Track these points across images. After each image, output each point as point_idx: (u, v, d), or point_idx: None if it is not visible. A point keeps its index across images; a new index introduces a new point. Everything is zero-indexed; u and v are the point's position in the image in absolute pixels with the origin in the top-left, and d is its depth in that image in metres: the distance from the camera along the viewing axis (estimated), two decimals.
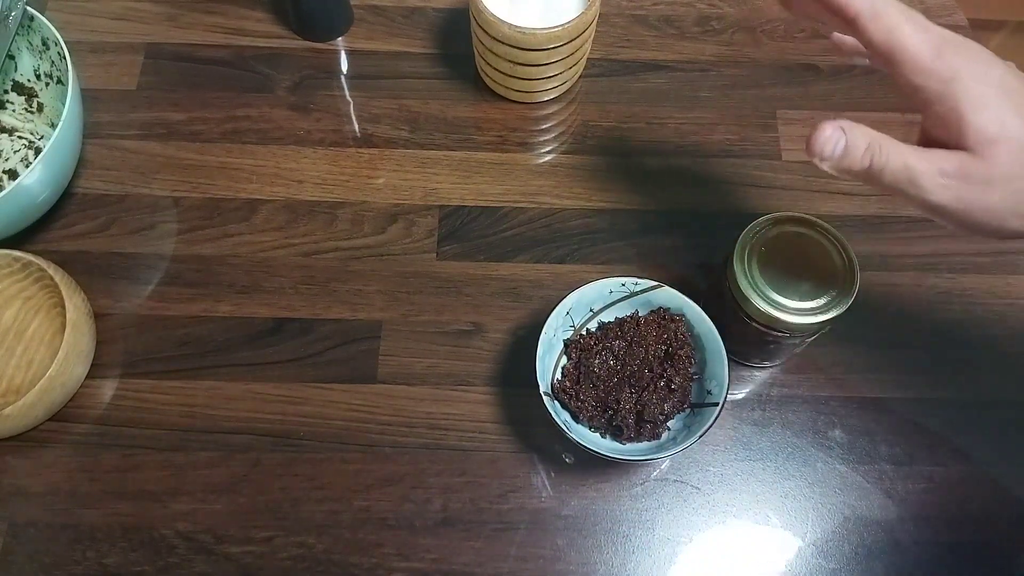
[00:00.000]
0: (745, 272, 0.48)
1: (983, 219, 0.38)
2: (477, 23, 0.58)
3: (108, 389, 0.54)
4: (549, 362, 0.51)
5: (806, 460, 0.53)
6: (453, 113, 0.65)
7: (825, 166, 0.39)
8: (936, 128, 0.38)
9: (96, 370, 0.54)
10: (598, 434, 0.50)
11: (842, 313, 0.46)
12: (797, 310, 0.47)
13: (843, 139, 0.38)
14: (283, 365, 0.55)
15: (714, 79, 0.67)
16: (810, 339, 0.50)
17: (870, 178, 0.38)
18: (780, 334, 0.48)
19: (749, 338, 0.50)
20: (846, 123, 0.38)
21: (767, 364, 0.55)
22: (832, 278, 0.47)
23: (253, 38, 0.68)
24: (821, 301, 0.47)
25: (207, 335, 0.56)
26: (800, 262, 0.48)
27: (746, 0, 0.71)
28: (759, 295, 0.47)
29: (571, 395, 0.50)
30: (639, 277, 0.51)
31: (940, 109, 0.37)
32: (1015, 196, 0.37)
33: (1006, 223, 0.38)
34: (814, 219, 0.49)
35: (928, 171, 0.37)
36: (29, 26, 0.58)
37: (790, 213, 0.50)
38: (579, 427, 0.50)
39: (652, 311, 0.51)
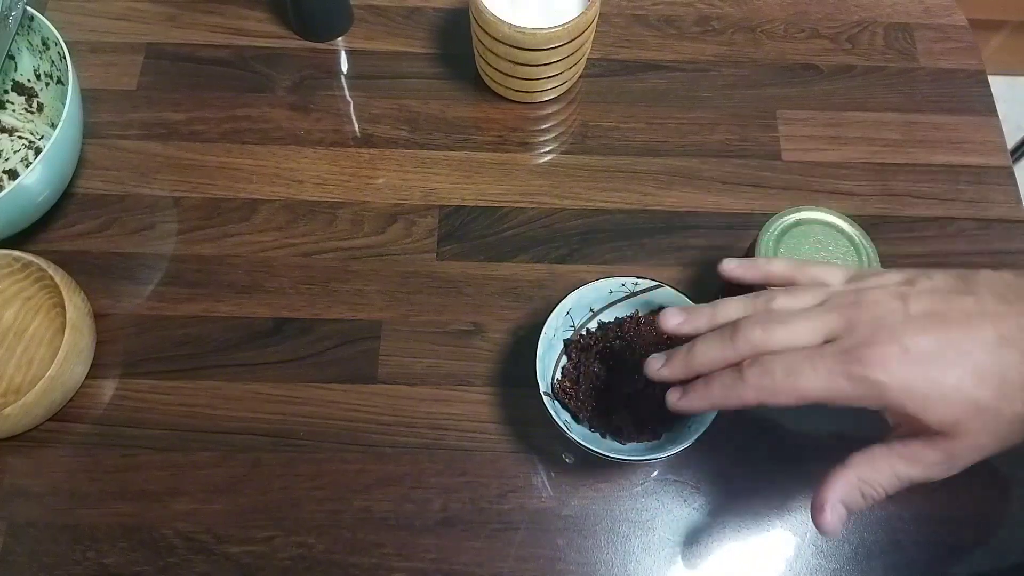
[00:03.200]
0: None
1: (1000, 452, 0.38)
2: (477, 23, 0.58)
3: (108, 389, 0.54)
4: (549, 362, 0.51)
5: (806, 460, 0.53)
6: (453, 113, 0.65)
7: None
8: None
9: (96, 370, 0.54)
10: (598, 434, 0.50)
11: None
12: None
13: (842, 510, 0.38)
14: (283, 365, 0.55)
15: (714, 79, 0.67)
16: None
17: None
18: None
19: None
20: (830, 495, 0.38)
21: None
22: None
23: (253, 38, 0.68)
24: None
25: (207, 335, 0.56)
26: (822, 256, 0.48)
27: (746, 0, 0.71)
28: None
29: (571, 395, 0.50)
30: (639, 277, 0.51)
31: (894, 414, 0.37)
32: (1002, 440, 0.37)
33: (1010, 446, 0.38)
34: (837, 213, 0.50)
35: (921, 474, 0.37)
36: (29, 26, 0.58)
37: (812, 207, 0.50)
38: (579, 427, 0.50)
39: (652, 311, 0.51)
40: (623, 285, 0.51)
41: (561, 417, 0.48)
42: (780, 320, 0.38)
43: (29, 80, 0.62)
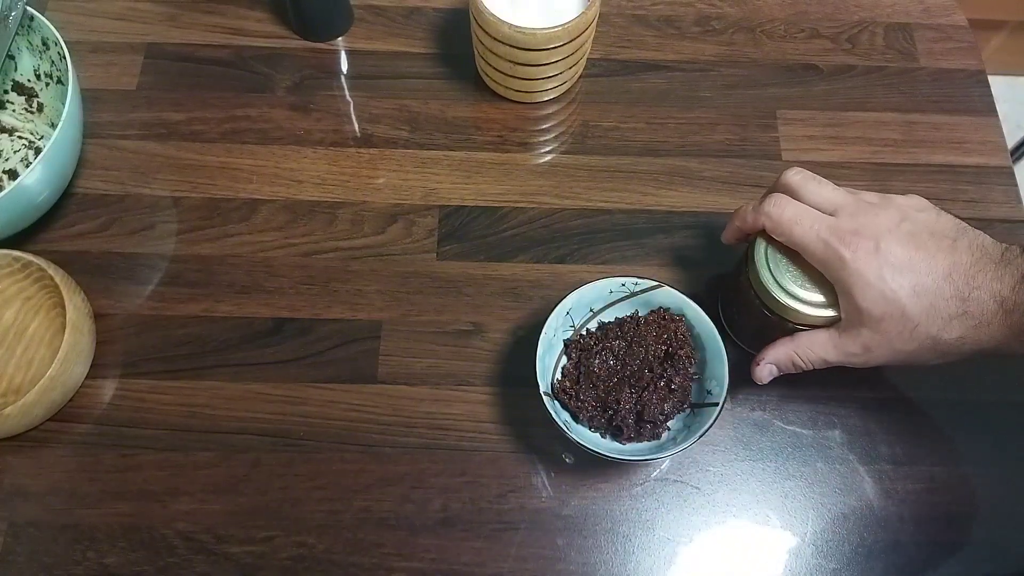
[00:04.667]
0: (766, 263, 0.48)
1: (895, 363, 0.46)
2: (477, 23, 0.58)
3: (108, 389, 0.54)
4: (549, 362, 0.51)
5: (806, 460, 0.53)
6: (453, 113, 0.65)
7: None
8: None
9: (96, 370, 0.54)
10: (598, 434, 0.50)
11: None
12: (816, 303, 0.47)
13: (774, 369, 0.49)
14: (283, 365, 0.55)
15: (714, 79, 0.67)
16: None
17: (797, 369, 0.49)
18: (799, 327, 0.48)
19: (765, 332, 0.51)
20: (769, 354, 0.49)
21: None
22: None
23: (253, 38, 0.68)
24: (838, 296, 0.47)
25: (207, 335, 0.56)
26: None
27: (746, 0, 0.71)
28: (779, 287, 0.47)
29: (571, 395, 0.50)
30: (639, 277, 0.51)
31: (840, 289, 0.45)
32: (910, 352, 0.45)
33: (926, 363, 0.46)
34: None
35: (836, 354, 0.47)
36: (29, 26, 0.58)
37: None
38: (579, 427, 0.50)
39: (652, 311, 0.51)
40: (623, 285, 0.51)
41: (561, 417, 0.48)
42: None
43: (29, 80, 0.62)
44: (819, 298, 0.47)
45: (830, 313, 0.47)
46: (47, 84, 0.61)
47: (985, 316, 0.42)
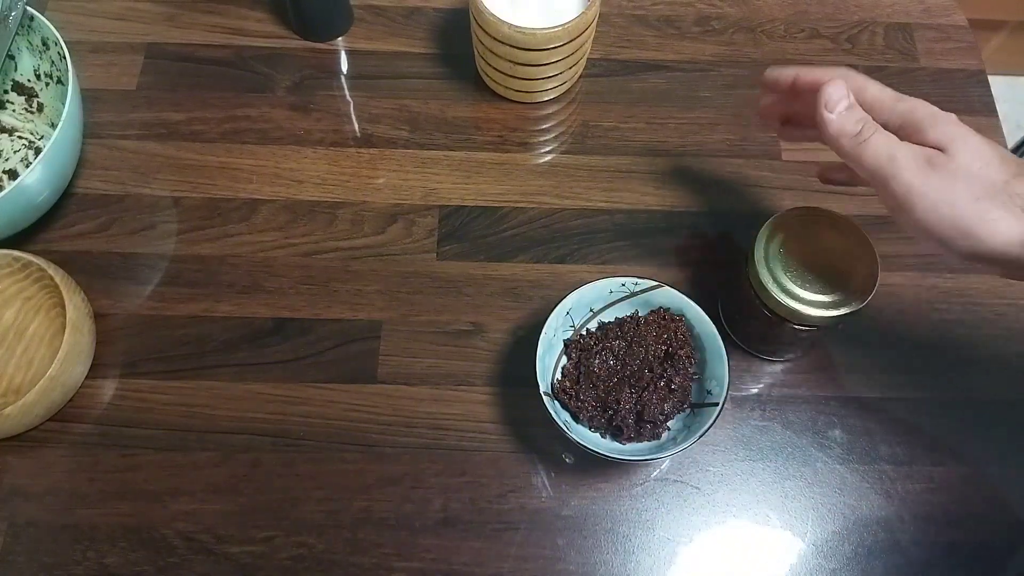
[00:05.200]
0: (767, 264, 0.48)
1: (949, 215, 0.40)
2: (477, 23, 0.58)
3: (108, 389, 0.54)
4: (549, 362, 0.51)
5: (806, 460, 0.53)
6: (453, 113, 0.65)
7: (827, 119, 0.43)
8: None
9: (96, 370, 0.54)
10: (598, 434, 0.50)
11: (862, 307, 0.47)
12: (817, 303, 0.47)
13: (847, 100, 0.43)
14: (283, 365, 0.55)
15: (714, 79, 0.67)
16: (827, 332, 0.50)
17: (854, 150, 0.42)
18: (798, 327, 0.48)
19: (766, 332, 0.51)
20: (852, 94, 0.43)
21: (781, 358, 0.55)
22: (852, 272, 0.48)
23: (253, 38, 0.68)
24: (840, 295, 0.47)
25: (207, 335, 0.56)
26: (821, 255, 0.48)
27: (746, 0, 0.71)
28: (779, 287, 0.47)
29: (571, 395, 0.50)
30: (639, 277, 0.51)
31: (904, 132, 0.42)
32: (975, 196, 0.40)
33: (972, 228, 0.40)
34: (836, 213, 0.50)
35: (904, 154, 0.41)
36: (29, 26, 0.58)
37: (812, 207, 0.50)
38: (579, 427, 0.50)
39: (652, 311, 0.51)
40: (623, 285, 0.51)
41: (561, 417, 0.48)
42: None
43: (29, 80, 0.62)
44: (819, 298, 0.47)
45: (831, 313, 0.47)
46: (47, 84, 0.61)
47: None
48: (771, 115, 0.51)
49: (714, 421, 0.46)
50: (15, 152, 0.61)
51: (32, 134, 0.62)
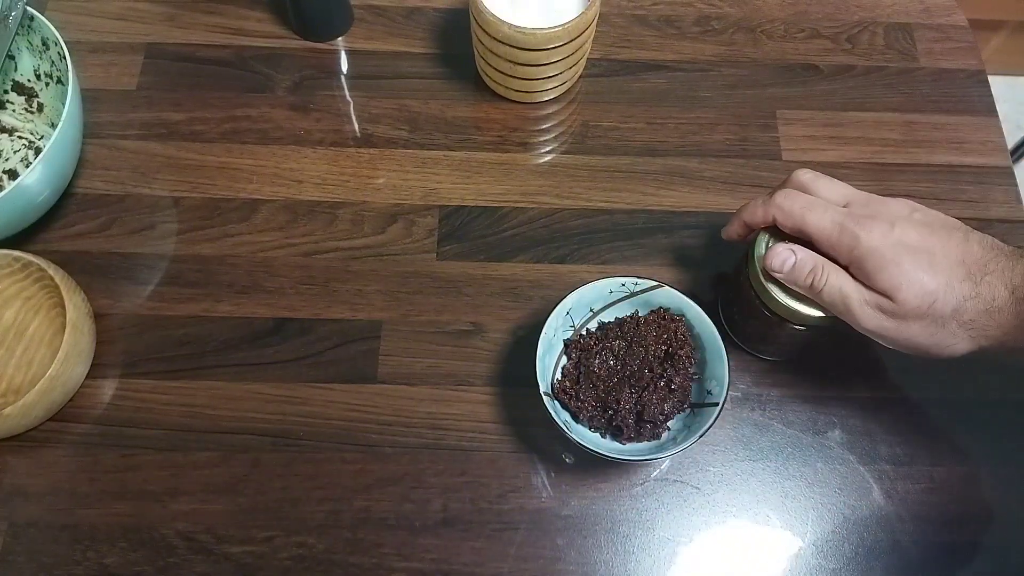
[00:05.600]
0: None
1: (911, 347, 0.45)
2: (477, 23, 0.58)
3: (108, 389, 0.54)
4: (549, 362, 0.51)
5: (806, 460, 0.53)
6: (453, 113, 0.65)
7: (778, 277, 0.47)
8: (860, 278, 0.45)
9: (96, 370, 0.54)
10: (598, 434, 0.50)
11: None
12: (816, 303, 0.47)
13: (792, 258, 0.46)
14: (283, 365, 0.55)
15: (714, 79, 0.67)
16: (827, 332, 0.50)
17: (810, 294, 0.46)
18: (798, 327, 0.48)
19: (766, 332, 0.51)
20: (797, 246, 0.46)
21: (781, 358, 0.55)
22: None
23: (253, 38, 0.68)
24: None
25: (207, 335, 0.56)
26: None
27: (746, 0, 0.71)
28: (779, 287, 0.47)
29: (571, 395, 0.50)
30: (639, 277, 0.51)
31: (856, 270, 0.44)
32: (930, 333, 0.44)
33: (939, 353, 0.45)
34: None
35: (857, 299, 0.44)
36: (29, 26, 0.58)
37: None
38: (579, 427, 0.50)
39: (652, 311, 0.51)
40: (623, 285, 0.51)
41: (561, 417, 0.48)
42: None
43: (29, 80, 0.62)
44: None
45: (830, 313, 0.47)
46: (47, 84, 0.61)
47: (996, 302, 0.42)
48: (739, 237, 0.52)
49: (714, 421, 0.46)
50: (15, 152, 0.61)
51: (32, 134, 0.62)
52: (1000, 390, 0.55)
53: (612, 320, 0.52)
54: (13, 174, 0.60)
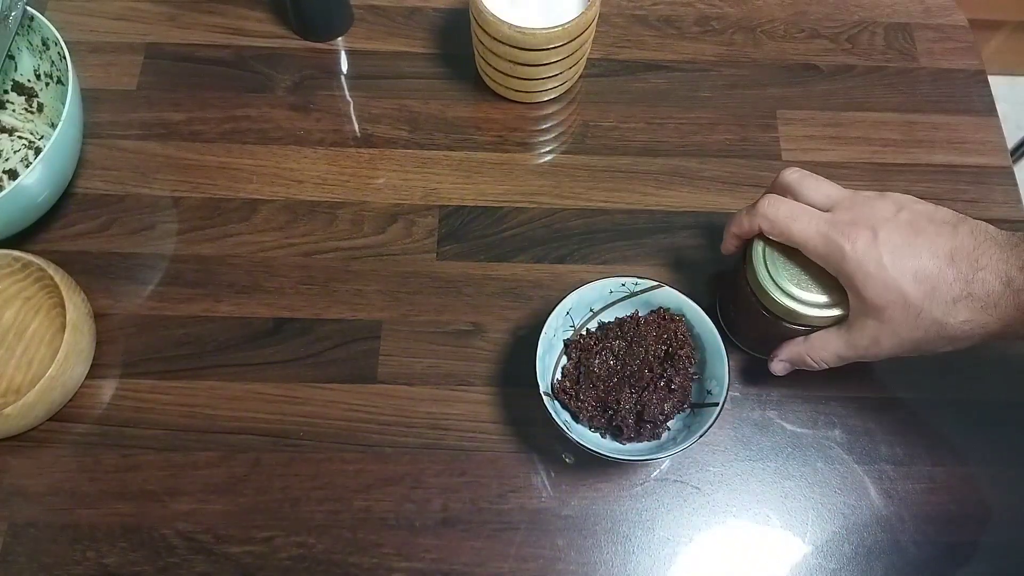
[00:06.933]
0: (765, 264, 0.48)
1: (908, 354, 0.46)
2: (477, 23, 0.58)
3: (108, 389, 0.54)
4: (549, 362, 0.51)
5: (806, 460, 0.53)
6: (453, 113, 0.65)
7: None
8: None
9: (96, 370, 0.54)
10: (598, 434, 0.50)
11: None
12: (815, 303, 0.47)
13: (788, 366, 0.50)
14: (283, 365, 0.55)
15: (714, 79, 0.67)
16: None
17: (812, 369, 0.50)
18: (797, 327, 0.48)
19: (764, 332, 0.51)
20: (784, 356, 0.50)
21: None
22: None
23: (253, 38, 0.68)
24: (838, 295, 0.47)
25: (207, 335, 0.56)
26: None
27: (746, 0, 0.71)
28: (777, 288, 0.47)
29: (571, 395, 0.50)
30: (639, 277, 0.51)
31: (844, 283, 0.45)
32: (927, 340, 0.44)
33: (941, 350, 0.45)
34: None
35: (848, 351, 0.47)
36: (29, 26, 0.58)
37: None
38: (579, 427, 0.50)
39: (652, 311, 0.51)
40: (623, 285, 0.51)
41: (561, 417, 0.48)
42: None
43: (29, 80, 0.62)
44: (817, 298, 0.47)
45: (828, 313, 0.47)
46: (47, 84, 0.61)
47: (991, 297, 0.42)
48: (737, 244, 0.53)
49: (714, 421, 0.46)
50: (15, 152, 0.61)
51: (32, 134, 0.62)
52: (1000, 390, 0.55)
53: (612, 320, 0.52)
54: (13, 174, 0.60)
